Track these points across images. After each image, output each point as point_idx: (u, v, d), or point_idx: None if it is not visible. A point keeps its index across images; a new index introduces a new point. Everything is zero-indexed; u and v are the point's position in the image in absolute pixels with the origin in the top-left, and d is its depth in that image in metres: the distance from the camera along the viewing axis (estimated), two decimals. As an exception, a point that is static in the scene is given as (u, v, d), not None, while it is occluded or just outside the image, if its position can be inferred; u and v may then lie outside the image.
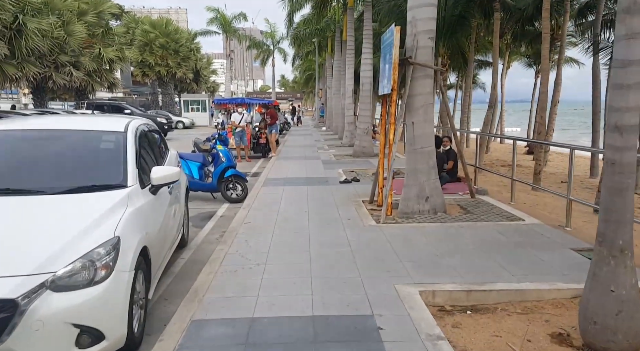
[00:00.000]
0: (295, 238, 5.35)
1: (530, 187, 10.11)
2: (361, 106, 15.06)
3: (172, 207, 4.49)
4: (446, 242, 5.10)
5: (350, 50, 17.81)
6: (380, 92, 7.09)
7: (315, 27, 27.36)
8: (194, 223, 6.72)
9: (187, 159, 8.51)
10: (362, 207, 7.08)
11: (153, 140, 4.76)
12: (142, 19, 39.66)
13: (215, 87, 59.93)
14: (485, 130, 18.11)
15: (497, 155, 24.44)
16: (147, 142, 4.45)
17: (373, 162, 13.04)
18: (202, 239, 5.90)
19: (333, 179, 9.84)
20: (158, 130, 5.21)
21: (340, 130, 22.48)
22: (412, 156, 6.58)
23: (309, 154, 15.18)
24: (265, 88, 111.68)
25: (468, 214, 6.42)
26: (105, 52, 25.03)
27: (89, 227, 2.93)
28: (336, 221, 6.15)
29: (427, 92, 6.52)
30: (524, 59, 31.64)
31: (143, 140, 4.31)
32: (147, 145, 4.43)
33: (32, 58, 20.15)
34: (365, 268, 4.33)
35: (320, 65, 39.65)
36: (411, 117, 6.54)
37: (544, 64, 14.14)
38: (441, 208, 6.54)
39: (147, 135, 4.52)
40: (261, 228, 5.80)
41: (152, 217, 3.67)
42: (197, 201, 8.37)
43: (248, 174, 11.54)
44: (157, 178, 3.79)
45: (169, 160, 4.95)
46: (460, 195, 7.73)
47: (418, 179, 6.50)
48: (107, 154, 3.83)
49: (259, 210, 6.85)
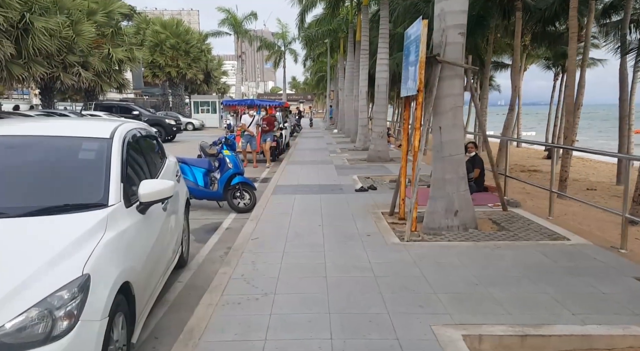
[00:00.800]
0: (309, 259, 4.68)
1: (555, 195, 9.38)
2: (376, 108, 14.38)
3: (168, 226, 3.85)
4: (484, 266, 4.40)
5: (364, 50, 17.14)
6: (403, 93, 6.41)
7: (328, 27, 26.75)
8: (197, 237, 6.10)
9: (192, 165, 7.90)
10: (382, 219, 6.40)
11: (147, 147, 4.13)
12: (153, 20, 39.39)
13: (226, 88, 59.67)
14: (506, 133, 17.29)
15: (515, 159, 23.56)
16: (139, 149, 3.82)
17: (389, 167, 12.34)
18: (205, 257, 5.26)
19: (348, 187, 9.17)
20: (154, 135, 4.59)
21: (352, 133, 21.80)
22: (439, 165, 5.89)
23: (321, 158, 14.52)
24: (276, 90, 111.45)
25: (503, 231, 5.70)
26: (114, 52, 24.65)
27: (51, 261, 2.30)
28: (354, 237, 5.48)
29: (456, 94, 5.83)
30: (542, 61, 30.70)
31: (134, 147, 3.68)
32: (139, 154, 3.80)
33: (40, 58, 19.77)
34: (393, 301, 3.65)
35: (332, 67, 39.01)
36: (438, 121, 5.86)
37: (570, 65, 13.35)
38: (472, 223, 5.84)
39: (139, 141, 3.89)
40: (270, 246, 5.14)
41: (138, 243, 3.04)
42: (201, 210, 7.75)
43: (257, 180, 10.92)
44: (146, 194, 3.15)
45: (166, 171, 4.31)
46: (490, 208, 7.00)
47: (446, 190, 5.80)
48: (86, 166, 3.20)
49: (268, 223, 6.20)
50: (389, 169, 11.93)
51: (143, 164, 3.80)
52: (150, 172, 3.86)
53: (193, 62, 39.08)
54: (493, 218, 6.33)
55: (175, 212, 4.28)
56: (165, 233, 3.76)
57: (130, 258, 2.80)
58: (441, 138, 5.85)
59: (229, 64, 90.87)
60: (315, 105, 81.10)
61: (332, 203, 7.53)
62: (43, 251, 2.36)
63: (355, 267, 4.41)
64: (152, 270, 3.27)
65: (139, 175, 3.56)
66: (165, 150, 4.84)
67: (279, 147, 15.22)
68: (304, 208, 7.14)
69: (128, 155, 3.43)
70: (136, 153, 3.72)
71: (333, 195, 8.25)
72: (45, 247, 2.39)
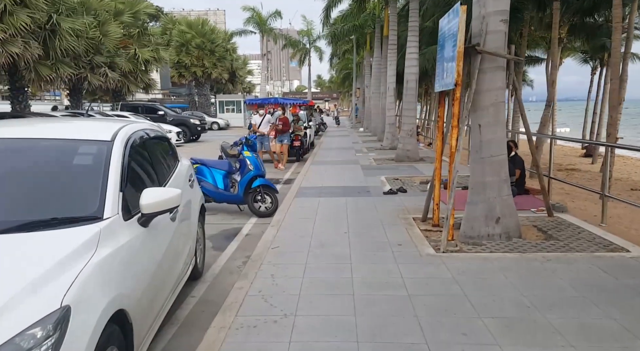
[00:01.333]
0: (334, 273, 4.22)
1: (594, 195, 8.66)
2: (405, 106, 13.79)
3: (177, 237, 3.46)
4: (535, 284, 3.85)
5: (392, 45, 16.54)
6: (438, 88, 5.87)
7: (354, 23, 26.16)
8: (215, 244, 5.72)
9: (211, 167, 7.55)
10: (413, 226, 5.88)
11: (156, 150, 3.75)
12: (179, 20, 39.61)
13: (251, 87, 59.74)
14: (543, 130, 16.43)
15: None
16: (146, 153, 3.44)
17: (419, 167, 11.76)
18: (222, 267, 4.87)
19: (375, 189, 8.66)
20: (165, 137, 4.21)
21: (379, 131, 21.21)
22: (479, 166, 5.34)
23: (347, 158, 14.04)
24: (301, 89, 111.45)
25: (551, 240, 5.11)
26: (140, 52, 24.74)
27: (24, 291, 1.91)
28: (384, 247, 4.99)
29: (497, 87, 5.26)
30: (578, 54, 29.33)
31: (139, 151, 3.30)
32: (146, 158, 3.42)
33: (67, 59, 19.93)
34: (432, 326, 3.16)
35: (358, 64, 38.39)
36: (478, 118, 5.30)
37: (614, 58, 12.51)
38: (516, 232, 5.26)
39: (146, 144, 3.51)
40: (291, 257, 4.70)
41: (139, 261, 2.64)
42: (222, 214, 7.39)
43: (280, 181, 10.53)
44: (149, 205, 2.75)
45: (177, 176, 3.92)
46: (534, 213, 6.39)
47: (486, 195, 5.25)
48: (81, 173, 2.83)
49: (289, 230, 5.77)
50: (419, 169, 11.35)
51: (149, 169, 3.42)
52: (158, 178, 3.47)
53: (218, 61, 39.08)
54: (538, 225, 5.73)
55: (187, 220, 3.89)
56: (174, 246, 3.36)
57: (127, 280, 2.41)
58: (481, 137, 5.30)
59: (254, 63, 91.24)
60: (340, 104, 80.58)
61: (359, 208, 7.05)
62: (15, 278, 1.97)
63: (386, 284, 3.92)
64: (157, 290, 2.88)
65: (143, 183, 3.18)
66: (179, 152, 4.46)
67: (303, 146, 14.80)
68: (328, 213, 6.69)
69: (131, 159, 3.05)
70: (142, 158, 3.34)
71: (360, 199, 7.77)
72: (18, 273, 2.01)
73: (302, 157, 14.78)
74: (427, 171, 10.98)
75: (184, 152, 17.92)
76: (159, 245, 3.04)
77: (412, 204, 7.20)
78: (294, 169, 12.65)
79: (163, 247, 3.10)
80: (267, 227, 6.09)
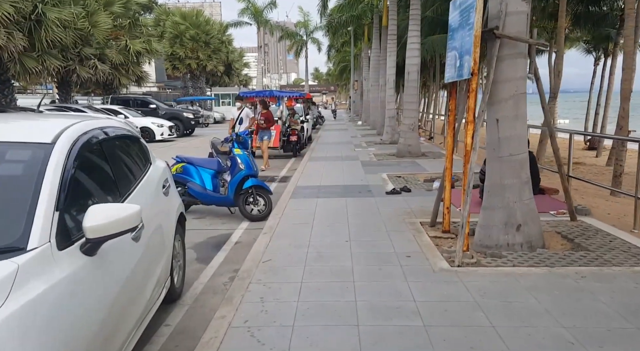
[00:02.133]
0: (335, 295, 3.60)
1: (604, 191, 8.13)
2: (406, 98, 13.13)
3: (144, 260, 2.83)
4: (573, 311, 3.23)
5: (392, 35, 15.85)
6: (449, 78, 5.23)
7: (351, 14, 25.42)
8: (199, 255, 5.10)
9: (199, 166, 6.91)
10: (422, 232, 5.26)
11: (117, 154, 3.10)
12: (173, 11, 38.71)
13: (247, 80, 58.96)
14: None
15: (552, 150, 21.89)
16: (101, 159, 2.79)
17: (421, 163, 11.14)
18: (204, 285, 4.24)
19: (377, 188, 8.04)
20: (134, 136, 3.56)
21: (378, 125, 20.57)
22: (496, 166, 4.72)
23: (346, 153, 13.40)
24: (298, 82, 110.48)
25: (580, 251, 4.50)
26: (132, 44, 23.91)
27: None
28: (391, 259, 4.37)
29: (518, 77, 4.62)
30: (580, 45, 28.64)
31: (92, 156, 2.67)
32: (101, 165, 2.77)
33: (54, 50, 19.17)
34: (456, 372, 2.54)
35: (356, 56, 37.62)
36: (495, 111, 4.67)
37: (626, 47, 11.84)
38: (539, 240, 4.65)
39: (103, 146, 2.85)
40: (285, 273, 4.08)
41: (80, 303, 2.00)
42: (210, 217, 6.77)
43: (275, 179, 9.89)
44: (95, 227, 2.11)
45: (146, 184, 3.27)
46: (554, 216, 5.78)
47: (505, 199, 4.63)
48: (4, 187, 2.18)
49: (283, 238, 5.15)
50: (422, 166, 10.73)
51: (106, 179, 2.77)
52: (118, 189, 2.83)
53: (213, 53, 38.30)
54: (562, 231, 5.12)
55: (159, 235, 3.26)
56: (139, 272, 2.73)
57: (54, 336, 1.77)
58: (499, 133, 4.67)
59: (251, 56, 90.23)
60: (338, 97, 79.80)
61: (360, 210, 6.43)
62: None
63: (396, 310, 3.30)
64: (113, 332, 2.25)
65: (94, 197, 2.54)
66: (152, 153, 3.82)
67: (300, 141, 14.16)
68: (327, 217, 6.07)
69: (79, 167, 2.40)
70: (95, 164, 2.70)
71: (361, 199, 7.14)
72: None
73: (299, 152, 14.14)
74: (431, 167, 10.37)
75: (177, 147, 17.16)
76: (115, 275, 2.40)
77: (417, 205, 6.59)
78: (291, 166, 12.01)
79: (121, 276, 2.47)
80: (259, 232, 5.48)
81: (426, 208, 6.34)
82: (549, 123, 5.39)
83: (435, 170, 9.79)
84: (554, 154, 5.49)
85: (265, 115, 11.37)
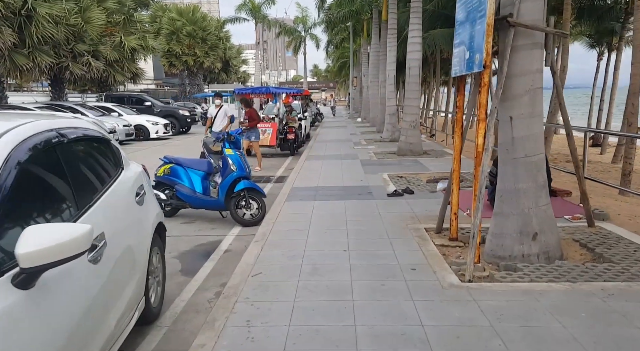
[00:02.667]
0: (332, 317, 3.17)
1: (612, 190, 7.74)
2: (407, 94, 12.69)
3: (107, 284, 2.40)
4: (605, 339, 2.80)
5: (392, 29, 15.40)
6: (456, 72, 4.79)
7: (350, 8, 24.93)
8: (184, 266, 4.67)
9: (188, 167, 6.48)
10: (427, 240, 4.84)
11: (77, 160, 2.67)
12: (169, 7, 38.15)
13: (246, 77, 58.46)
14: (552, 120, 15.38)
15: (555, 147, 21.50)
16: (55, 166, 2.35)
17: (423, 162, 10.71)
18: (187, 302, 3.81)
19: (378, 189, 7.61)
20: (102, 138, 3.11)
21: (378, 122, 20.13)
22: (510, 169, 4.29)
23: (345, 152, 12.97)
24: (297, 78, 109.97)
25: (603, 262, 4.07)
26: (127, 40, 23.44)
27: None
28: (394, 273, 3.95)
29: (534, 70, 4.19)
30: (583, 39, 28.16)
31: (42, 163, 2.24)
32: (55, 174, 2.33)
33: (46, 47, 18.68)
34: None
35: (355, 52, 37.13)
36: (509, 108, 4.24)
37: (637, 40, 11.34)
38: (557, 251, 4.23)
39: (57, 151, 2.41)
40: (276, 290, 3.65)
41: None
42: (199, 221, 6.34)
43: (271, 179, 9.46)
44: (30, 255, 1.68)
45: (112, 194, 2.83)
46: (569, 221, 5.36)
47: (520, 205, 4.20)
48: None
49: (276, 247, 4.72)
50: (424, 165, 10.30)
51: (59, 190, 2.33)
52: (76, 202, 2.39)
53: (210, 50, 37.76)
54: (580, 239, 4.69)
55: (129, 252, 2.83)
56: (99, 300, 2.31)
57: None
58: (512, 132, 4.24)
59: (250, 53, 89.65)
60: (337, 93, 79.31)
61: (361, 214, 6.00)
62: None
63: (402, 337, 2.88)
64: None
65: (39, 213, 2.11)
66: (125, 157, 3.38)
67: (297, 139, 13.72)
68: (324, 222, 5.64)
69: (21, 177, 1.98)
70: (45, 173, 2.26)
71: (361, 202, 6.71)
72: None
73: (296, 150, 13.71)
74: (434, 167, 9.94)
75: (172, 146, 16.70)
76: (63, 309, 1.97)
77: (421, 209, 6.17)
78: (288, 165, 11.58)
79: (73, 309, 2.04)
80: (251, 239, 5.05)
81: (431, 213, 5.92)
82: (566, 121, 4.96)
83: (439, 170, 9.37)
84: (571, 155, 5.06)
85: (249, 114, 10.82)
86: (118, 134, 15.82)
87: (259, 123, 11.25)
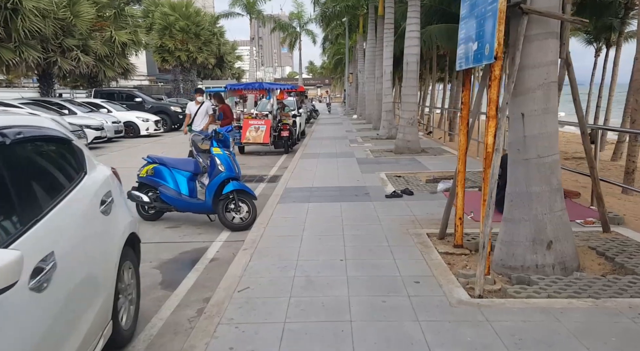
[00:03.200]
0: (327, 342, 2.78)
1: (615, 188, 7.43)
2: (405, 90, 12.30)
3: (57, 319, 2.00)
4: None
5: (388, 24, 14.99)
6: (461, 65, 4.40)
7: (346, 3, 24.49)
8: (165, 277, 4.27)
9: (173, 167, 6.07)
10: (430, 248, 4.46)
11: (22, 164, 2.26)
12: (162, 2, 37.47)
13: (240, 73, 57.80)
14: (553, 118, 15.08)
15: (554, 145, 21.12)
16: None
17: (422, 160, 10.33)
18: (165, 321, 3.40)
19: (375, 189, 7.23)
20: (62, 138, 2.70)
21: (374, 119, 19.76)
22: (521, 170, 3.91)
23: (340, 150, 12.57)
24: (293, 75, 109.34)
25: (626, 273, 3.71)
26: (117, 35, 22.86)
27: None
28: (396, 287, 3.56)
29: (549, 62, 3.81)
30: (581, 35, 27.85)
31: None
32: None
33: (33, 41, 18.13)
34: None
35: (351, 48, 36.67)
36: (521, 104, 3.86)
37: (639, 34, 11.05)
38: (573, 261, 3.86)
39: (4, 153, 2.01)
40: (264, 308, 3.26)
41: None
42: (185, 226, 5.94)
43: (264, 179, 9.06)
44: None
45: (69, 204, 2.41)
46: (582, 225, 5.00)
47: (533, 210, 3.83)
48: None
49: (267, 256, 4.32)
50: (423, 163, 9.92)
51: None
52: (18, 215, 1.98)
53: (204, 45, 37.12)
54: (596, 246, 4.32)
55: (89, 272, 2.43)
56: (44, 335, 1.90)
57: None
58: (524, 130, 3.86)
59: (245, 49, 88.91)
60: (333, 90, 78.87)
61: (357, 218, 5.62)
62: None
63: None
64: None
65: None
66: (90, 159, 2.97)
67: (292, 136, 13.31)
68: (319, 227, 5.25)
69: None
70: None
71: (358, 204, 6.33)
72: None
73: (291, 148, 13.31)
74: (432, 165, 9.57)
75: (163, 143, 16.21)
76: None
77: (422, 212, 5.80)
78: (282, 163, 11.18)
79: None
80: (240, 246, 4.66)
81: (432, 216, 5.55)
82: (581, 118, 4.59)
83: (438, 169, 9.00)
84: (586, 155, 4.69)
85: (222, 109, 10.39)
86: (107, 131, 15.34)
87: (232, 122, 10.83)
